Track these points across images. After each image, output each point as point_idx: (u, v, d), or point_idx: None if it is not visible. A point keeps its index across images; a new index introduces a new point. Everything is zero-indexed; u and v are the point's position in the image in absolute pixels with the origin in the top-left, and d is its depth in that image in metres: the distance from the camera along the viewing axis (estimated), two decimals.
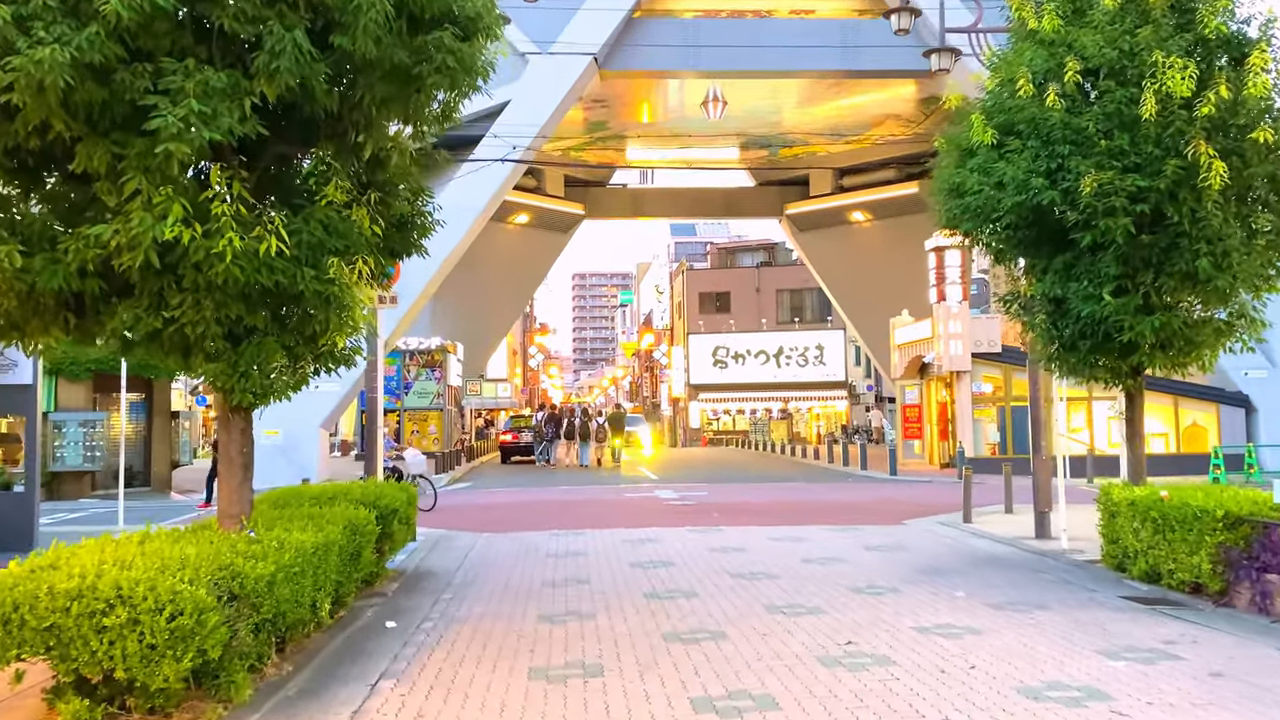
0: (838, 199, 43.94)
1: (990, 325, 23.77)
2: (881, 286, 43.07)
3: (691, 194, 47.75)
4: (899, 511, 16.44)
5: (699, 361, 54.53)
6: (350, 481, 10.76)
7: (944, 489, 20.31)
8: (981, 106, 10.57)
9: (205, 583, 5.60)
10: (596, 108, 36.63)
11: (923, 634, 7.57)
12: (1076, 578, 10.08)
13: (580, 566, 11.13)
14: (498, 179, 24.46)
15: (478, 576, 10.70)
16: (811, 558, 11.42)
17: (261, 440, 22.37)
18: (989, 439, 23.53)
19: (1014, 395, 23.55)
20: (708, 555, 11.70)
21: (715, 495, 19.32)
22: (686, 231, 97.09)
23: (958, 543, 12.82)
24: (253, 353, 6.86)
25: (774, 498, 19.12)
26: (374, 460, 12.88)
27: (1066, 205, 9.54)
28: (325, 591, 7.56)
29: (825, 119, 38.92)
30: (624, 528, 14.48)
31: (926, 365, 25.72)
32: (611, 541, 13.07)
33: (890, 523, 14.87)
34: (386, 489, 10.37)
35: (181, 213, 6.05)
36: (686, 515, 16.19)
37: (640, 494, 19.77)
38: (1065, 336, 10.24)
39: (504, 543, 13.24)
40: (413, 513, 11.15)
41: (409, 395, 35.88)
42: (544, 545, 12.90)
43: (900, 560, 11.27)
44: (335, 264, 6.78)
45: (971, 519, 14.70)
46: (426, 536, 13.80)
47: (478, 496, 20.56)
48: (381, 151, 7.29)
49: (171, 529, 7.05)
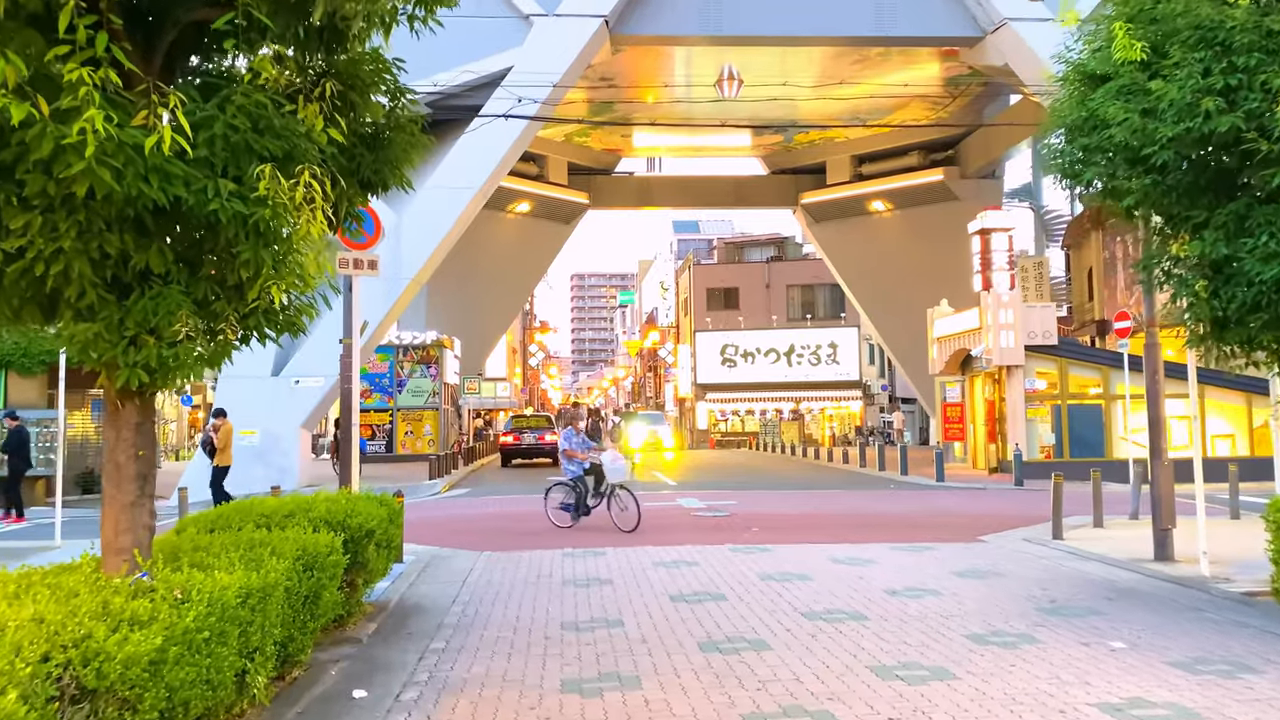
0: (856, 187, 41.68)
1: (1045, 314, 21.46)
2: (903, 280, 40.84)
3: (701, 183, 45.46)
4: (965, 525, 14.18)
5: (707, 360, 52.27)
6: (316, 493, 8.50)
7: (1003, 498, 18.06)
8: (1118, 14, 8.29)
9: (26, 675, 3.34)
10: (602, 87, 34.37)
11: (1117, 716, 5.31)
12: (1251, 617, 7.81)
13: (607, 600, 8.86)
14: (498, 153, 22.19)
15: (478, 614, 8.43)
16: (895, 588, 9.15)
17: (237, 442, 20.08)
18: (1043, 441, 21.26)
19: (1071, 392, 21.31)
20: (763, 585, 9.43)
21: (747, 505, 17.03)
22: (690, 229, 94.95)
23: (1062, 566, 10.54)
24: (146, 308, 4.58)
25: (815, 508, 16.81)
26: (349, 466, 10.59)
27: (1255, 133, 7.27)
28: (264, 656, 5.29)
29: (845, 101, 36.67)
30: (652, 545, 12.20)
31: (970, 359, 23.47)
32: (640, 564, 10.80)
33: (963, 539, 12.60)
34: (361, 503, 8.08)
35: (11, 74, 3.79)
36: (721, 530, 13.90)
37: (662, 503, 17.49)
38: (1231, 309, 7.95)
39: (509, 565, 10.97)
40: (396, 533, 8.86)
41: (402, 393, 33.61)
42: (558, 568, 10.63)
43: (1007, 592, 9.00)
44: (268, 174, 4.50)
45: (1063, 535, 12.42)
46: (416, 556, 11.56)
47: (477, 505, 18.28)
48: (340, 17, 4.97)
49: (43, 571, 4.79)
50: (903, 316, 41.44)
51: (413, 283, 21.72)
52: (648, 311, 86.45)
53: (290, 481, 20.37)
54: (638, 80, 34.25)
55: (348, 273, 9.54)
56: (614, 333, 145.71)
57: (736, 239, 67.02)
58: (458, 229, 22.47)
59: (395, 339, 34.06)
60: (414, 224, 21.52)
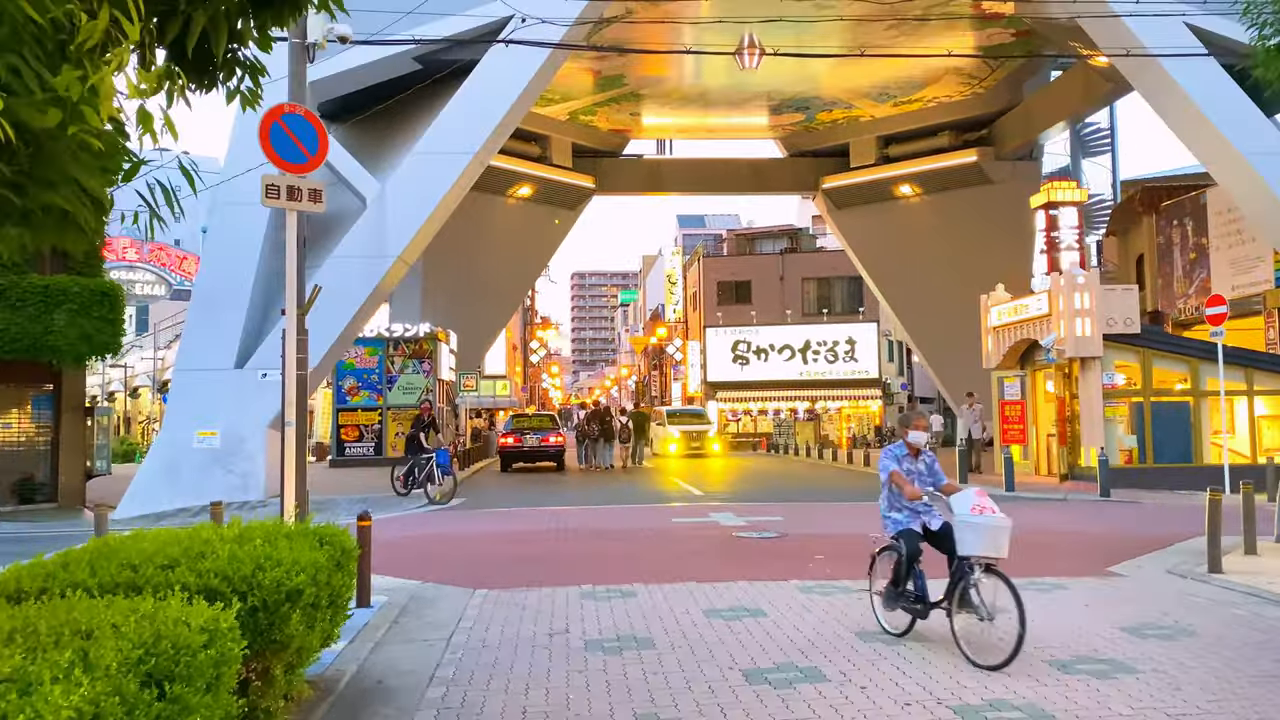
0: (882, 170, 38.87)
1: (1126, 299, 18.62)
2: (931, 269, 38.09)
3: (715, 166, 42.62)
4: (1077, 549, 11.44)
5: (717, 357, 49.42)
6: (228, 524, 5.76)
7: (1096, 512, 15.30)
8: None
9: None
10: (611, 57, 31.60)
11: None
12: None
13: (652, 678, 6.12)
14: (497, 113, 19.39)
15: (466, 701, 5.71)
16: (1060, 658, 6.42)
17: (194, 444, 17.33)
18: (1122, 443, 18.48)
19: (1155, 388, 18.53)
20: (866, 650, 6.69)
21: (795, 521, 14.21)
22: (695, 223, 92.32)
23: (1262, 616, 7.78)
24: None
25: (875, 526, 13.88)
26: (302, 482, 7.81)
27: None
28: None
29: (872, 75, 33.89)
30: (696, 580, 9.46)
31: (1032, 352, 20.71)
32: (688, 612, 8.05)
33: (1089, 571, 9.86)
34: (287, 546, 5.31)
35: None
36: (777, 557, 11.13)
37: (694, 518, 14.70)
38: None
39: (511, 611, 8.23)
40: (345, 585, 6.03)
41: (393, 390, 30.80)
42: (576, 618, 7.89)
43: (1229, 666, 6.26)
44: None
45: (1221, 566, 9.66)
46: (390, 597, 8.85)
47: (472, 522, 15.51)
48: None
49: None
50: (929, 309, 38.71)
51: (399, 262, 18.93)
52: (652, 308, 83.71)
53: (255, 491, 17.60)
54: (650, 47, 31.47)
55: (277, 204, 6.76)
56: (615, 332, 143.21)
57: (747, 231, 64.18)
58: (451, 199, 19.68)
59: (385, 331, 31.26)
60: (400, 194, 18.78)
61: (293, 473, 7.27)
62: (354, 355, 30.39)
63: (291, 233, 6.90)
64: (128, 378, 52.62)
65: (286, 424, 7.37)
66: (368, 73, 19.89)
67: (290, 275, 6.96)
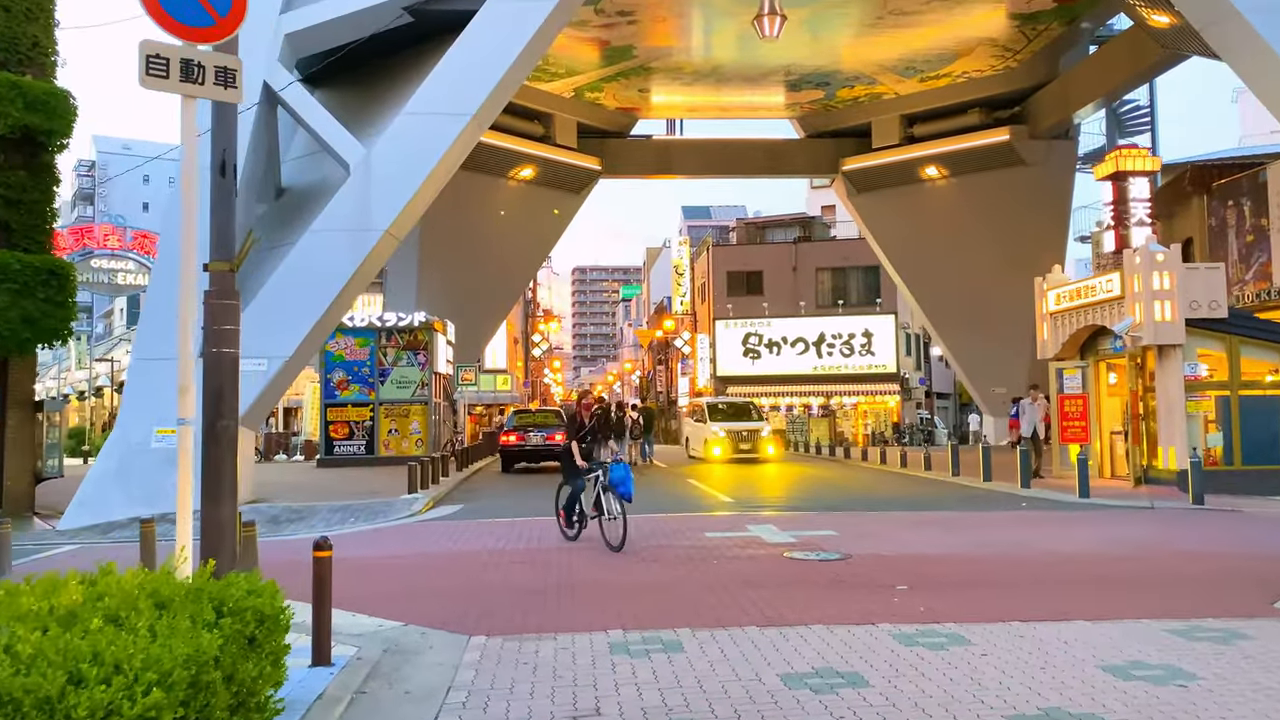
0: (906, 151, 36.71)
1: (1212, 279, 16.40)
2: (958, 256, 36.00)
3: (728, 147, 40.45)
4: (1208, 578, 9.27)
5: (727, 351, 47.27)
6: (99, 570, 3.65)
7: (1193, 523, 13.11)
8: None
9: None
10: (620, 23, 29.44)
11: None
12: None
13: None
14: (498, 69, 17.18)
15: None
16: None
17: (152, 443, 15.17)
18: (1206, 442, 16.32)
19: (1243, 380, 16.35)
20: None
21: (852, 537, 11.98)
22: (701, 214, 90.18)
23: None
24: None
25: (952, 544, 11.58)
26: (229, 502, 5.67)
27: None
28: None
29: (898, 47, 31.72)
30: (756, 625, 7.30)
31: (1095, 339, 18.54)
32: (758, 678, 5.89)
33: (1250, 610, 7.66)
34: (141, 633, 3.14)
35: None
36: (849, 587, 8.94)
37: (729, 531, 12.52)
38: None
39: (519, 675, 6.09)
40: (259, 673, 3.88)
41: (385, 384, 28.64)
42: (609, 689, 5.75)
43: None
44: None
45: None
46: (361, 646, 6.73)
47: (469, 537, 13.31)
48: None
49: None
50: (955, 298, 36.64)
51: (387, 236, 16.72)
52: (657, 301, 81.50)
53: None
54: (659, 16, 29.32)
55: (165, 86, 4.57)
56: (616, 327, 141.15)
57: (758, 219, 61.95)
58: (445, 167, 17.48)
59: (377, 320, 29.09)
60: (388, 159, 16.59)
61: (189, 497, 5.16)
62: (344, 347, 28.25)
63: (191, 137, 4.71)
64: (114, 372, 50.45)
65: (181, 422, 5.26)
66: (351, 24, 17.70)
67: (189, 209, 4.78)
